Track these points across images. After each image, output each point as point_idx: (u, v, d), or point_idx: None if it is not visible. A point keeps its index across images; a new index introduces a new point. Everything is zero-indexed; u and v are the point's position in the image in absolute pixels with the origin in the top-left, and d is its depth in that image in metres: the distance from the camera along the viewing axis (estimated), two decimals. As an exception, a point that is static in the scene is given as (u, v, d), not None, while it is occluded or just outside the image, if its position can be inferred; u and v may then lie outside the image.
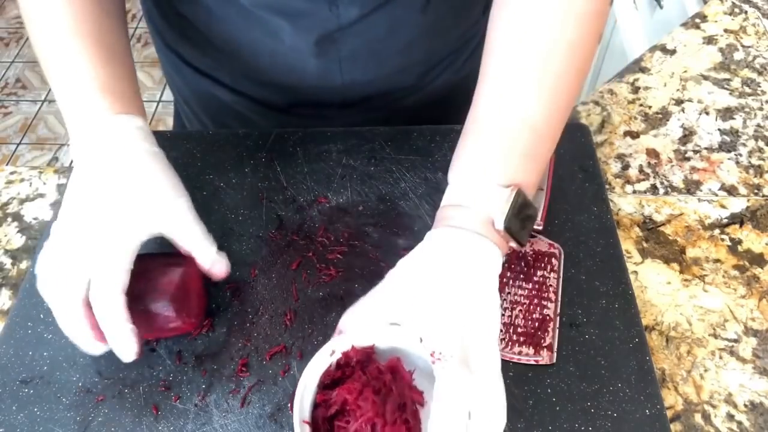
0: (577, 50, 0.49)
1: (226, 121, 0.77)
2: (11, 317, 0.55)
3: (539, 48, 0.48)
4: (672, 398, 0.52)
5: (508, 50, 0.50)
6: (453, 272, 0.45)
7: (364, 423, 0.42)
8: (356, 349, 0.45)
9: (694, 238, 0.62)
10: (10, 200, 0.68)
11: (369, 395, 0.43)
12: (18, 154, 2.18)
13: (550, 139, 0.51)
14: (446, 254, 0.46)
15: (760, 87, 0.76)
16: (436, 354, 0.41)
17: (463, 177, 0.49)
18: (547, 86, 0.49)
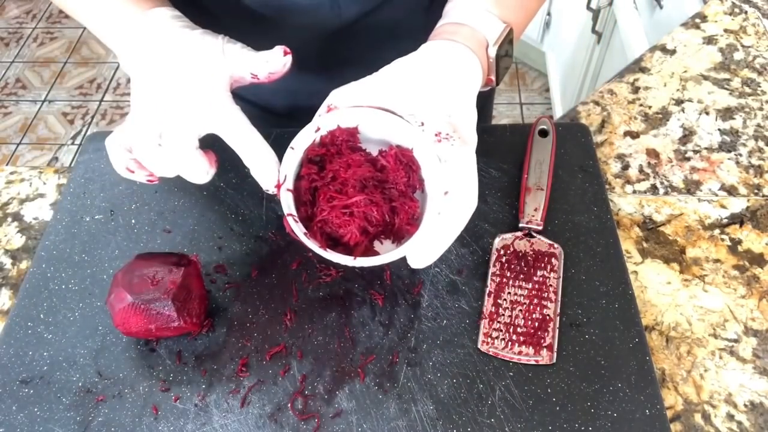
0: None
1: None
2: (11, 317, 0.55)
3: None
4: (672, 398, 0.52)
5: None
6: (442, 72, 0.49)
7: (353, 194, 0.46)
8: (342, 128, 0.47)
9: (694, 238, 0.62)
10: (10, 200, 0.68)
11: (360, 171, 0.46)
12: (18, 154, 2.18)
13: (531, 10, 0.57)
14: (438, 58, 0.50)
15: (760, 87, 0.76)
16: (443, 134, 0.46)
17: (465, 3, 0.53)
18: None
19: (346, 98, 0.49)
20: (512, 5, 0.54)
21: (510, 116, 2.17)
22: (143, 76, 0.50)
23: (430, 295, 0.55)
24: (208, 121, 0.49)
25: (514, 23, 0.53)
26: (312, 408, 0.49)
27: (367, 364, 0.51)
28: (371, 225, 0.47)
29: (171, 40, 0.51)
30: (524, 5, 0.56)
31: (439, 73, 0.49)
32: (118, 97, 2.36)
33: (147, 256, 0.53)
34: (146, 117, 0.49)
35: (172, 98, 0.49)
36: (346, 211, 0.46)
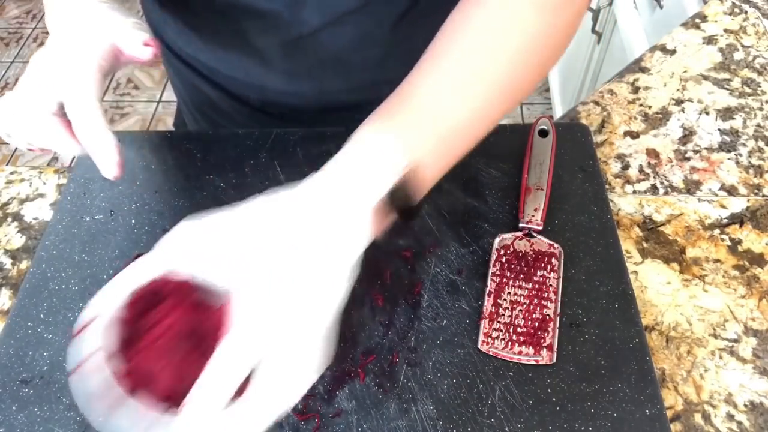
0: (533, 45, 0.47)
1: (206, 112, 0.78)
2: (11, 317, 0.55)
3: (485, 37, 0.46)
4: (672, 398, 0.52)
5: (456, 31, 0.47)
6: (304, 242, 0.39)
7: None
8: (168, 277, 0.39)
9: (694, 238, 0.62)
10: (10, 200, 0.68)
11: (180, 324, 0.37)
12: (18, 154, 2.18)
13: (472, 137, 0.46)
14: (309, 217, 0.39)
15: (760, 87, 0.76)
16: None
17: (376, 125, 0.43)
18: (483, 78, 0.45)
19: (178, 242, 0.42)
20: (432, 139, 0.43)
21: (510, 116, 2.17)
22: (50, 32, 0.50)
23: (430, 295, 0.55)
24: (61, 88, 0.47)
25: (427, 163, 0.41)
26: (312, 408, 0.49)
27: (367, 364, 0.51)
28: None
29: (73, 10, 0.50)
30: (450, 142, 0.44)
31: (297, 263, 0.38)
32: (118, 97, 2.36)
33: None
34: (20, 82, 0.49)
35: (42, 63, 0.49)
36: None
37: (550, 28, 0.48)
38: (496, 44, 0.46)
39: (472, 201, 0.62)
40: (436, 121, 0.43)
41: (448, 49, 0.46)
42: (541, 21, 0.47)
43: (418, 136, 0.42)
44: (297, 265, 0.38)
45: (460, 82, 0.44)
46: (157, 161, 0.66)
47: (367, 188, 0.40)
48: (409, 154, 0.41)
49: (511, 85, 0.47)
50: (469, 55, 0.45)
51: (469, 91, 0.45)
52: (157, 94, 2.37)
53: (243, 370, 0.35)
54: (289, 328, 0.38)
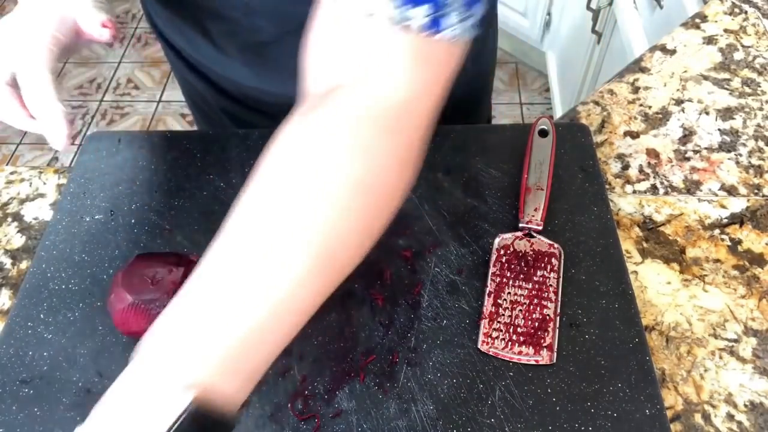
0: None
1: (191, 96, 0.80)
2: (11, 317, 0.55)
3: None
4: (672, 398, 0.52)
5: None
6: None
7: None
8: None
9: (694, 238, 0.62)
10: (10, 200, 0.68)
11: None
12: (18, 154, 2.18)
13: (282, 331, 0.36)
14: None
15: (760, 87, 0.76)
16: None
17: (155, 346, 0.34)
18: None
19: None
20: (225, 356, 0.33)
21: (510, 116, 2.17)
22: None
23: (430, 295, 0.55)
24: (14, 58, 0.47)
25: (221, 388, 0.33)
26: (312, 408, 0.49)
27: (367, 364, 0.51)
28: None
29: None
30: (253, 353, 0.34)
31: None
32: (118, 97, 2.36)
33: (147, 256, 0.53)
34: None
35: (1, 33, 0.49)
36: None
37: (380, 180, 0.38)
38: (312, 205, 0.36)
39: (472, 201, 0.62)
40: (227, 329, 0.34)
41: (250, 221, 0.37)
42: (369, 172, 0.37)
43: (206, 365, 0.33)
44: None
45: (261, 271, 0.35)
46: (157, 161, 0.66)
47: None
48: (195, 384, 0.32)
49: (330, 261, 0.37)
50: (276, 225, 0.35)
51: (274, 280, 0.35)
52: (157, 94, 2.37)
53: None
54: None
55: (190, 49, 0.70)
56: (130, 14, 2.70)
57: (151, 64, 2.48)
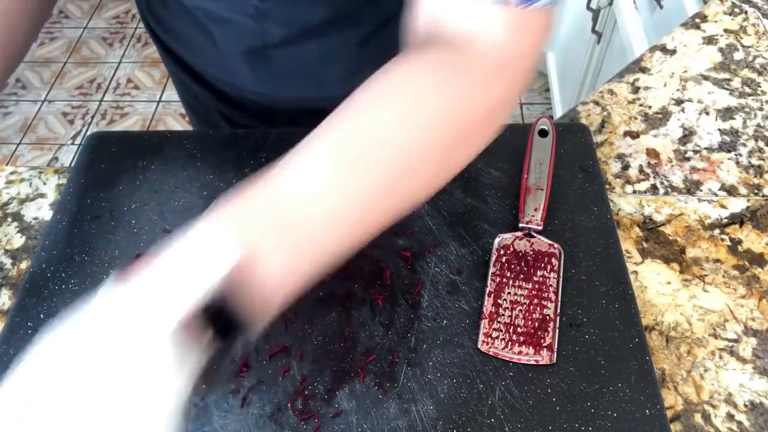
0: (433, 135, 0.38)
1: (188, 100, 0.79)
2: (11, 317, 0.55)
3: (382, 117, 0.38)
4: (672, 398, 0.52)
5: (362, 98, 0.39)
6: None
7: None
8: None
9: (694, 238, 0.62)
10: (10, 200, 0.68)
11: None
12: (18, 154, 2.18)
13: (344, 236, 0.38)
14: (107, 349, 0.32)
15: (760, 87, 0.76)
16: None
17: (217, 216, 0.35)
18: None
19: None
20: (275, 229, 0.35)
21: (510, 116, 2.17)
22: None
23: (430, 295, 0.55)
24: None
25: (267, 258, 0.34)
26: (312, 408, 0.49)
27: (367, 364, 0.51)
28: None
29: None
30: (304, 235, 0.35)
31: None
32: (118, 97, 2.36)
33: (147, 255, 0.52)
34: None
35: None
36: None
37: (470, 106, 0.40)
38: (386, 126, 0.38)
39: (472, 201, 0.62)
40: (295, 214, 0.35)
41: (341, 124, 0.38)
42: (457, 97, 0.39)
43: (261, 228, 0.34)
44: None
45: (330, 174, 0.36)
46: (157, 161, 0.66)
47: (174, 296, 0.33)
48: (242, 249, 0.33)
49: (400, 179, 0.38)
50: (361, 133, 0.37)
51: (341, 186, 0.36)
52: (157, 94, 2.37)
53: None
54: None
55: (188, 53, 0.70)
56: (130, 14, 2.70)
57: (151, 64, 2.48)
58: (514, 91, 0.43)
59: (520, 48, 0.42)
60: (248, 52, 0.63)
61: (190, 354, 0.34)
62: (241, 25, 0.60)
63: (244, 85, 0.68)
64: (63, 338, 0.33)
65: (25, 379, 0.32)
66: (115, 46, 2.56)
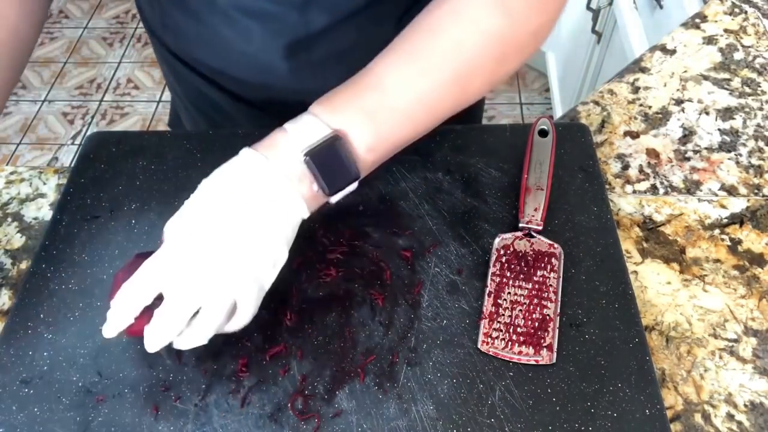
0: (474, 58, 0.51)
1: (205, 110, 0.78)
2: (11, 317, 0.55)
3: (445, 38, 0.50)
4: (672, 398, 0.52)
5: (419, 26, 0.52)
6: (240, 230, 0.46)
7: None
8: None
9: (694, 238, 0.62)
10: (10, 200, 0.68)
11: None
12: (18, 154, 2.18)
13: (415, 122, 0.52)
14: (241, 203, 0.47)
15: (760, 87, 0.76)
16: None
17: (311, 107, 0.50)
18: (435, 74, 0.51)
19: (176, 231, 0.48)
20: (363, 114, 0.50)
21: (510, 116, 2.17)
22: None
23: (430, 295, 0.55)
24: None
25: (357, 135, 0.49)
26: (312, 408, 0.49)
27: (367, 364, 0.51)
28: None
29: None
30: (385, 119, 0.51)
31: (235, 233, 0.46)
32: (118, 97, 2.36)
33: (147, 255, 0.52)
34: None
35: None
36: None
37: (516, 32, 0.51)
38: (455, 42, 0.50)
39: (472, 201, 0.62)
40: (377, 100, 0.50)
41: (408, 42, 0.51)
42: (508, 25, 0.50)
43: (350, 110, 0.49)
44: (230, 225, 0.46)
45: (410, 72, 0.50)
46: (157, 161, 0.66)
47: (288, 148, 0.48)
48: (337, 122, 0.49)
49: (464, 83, 0.52)
50: (426, 49, 0.50)
51: (419, 82, 0.50)
52: (157, 94, 2.37)
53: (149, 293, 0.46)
54: (220, 273, 0.45)
55: (211, 58, 0.69)
56: (130, 14, 2.70)
57: (151, 64, 2.48)
58: (550, 20, 0.53)
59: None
60: (289, 44, 0.63)
61: (302, 201, 0.48)
62: (284, 17, 0.61)
63: (278, 81, 0.68)
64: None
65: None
66: (115, 46, 2.56)
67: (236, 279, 0.46)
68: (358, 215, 0.61)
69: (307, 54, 0.64)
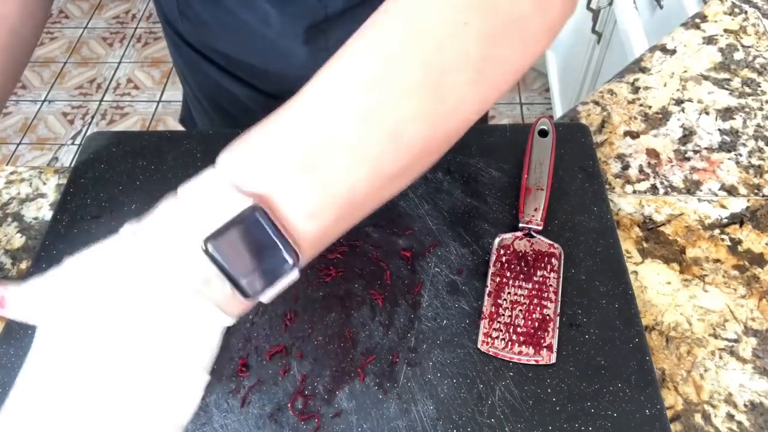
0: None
1: (219, 102, 0.78)
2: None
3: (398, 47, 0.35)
4: (672, 398, 0.52)
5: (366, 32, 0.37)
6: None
7: None
8: None
9: (694, 238, 0.62)
10: (10, 200, 0.68)
11: None
12: (18, 154, 2.18)
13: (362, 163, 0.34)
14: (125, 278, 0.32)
15: (760, 87, 0.76)
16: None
17: (219, 161, 0.34)
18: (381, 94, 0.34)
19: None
20: (291, 165, 0.33)
21: (510, 116, 2.17)
22: None
23: (430, 295, 0.55)
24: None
25: (285, 198, 0.32)
26: (312, 408, 0.49)
27: (367, 364, 0.51)
28: None
29: None
30: (323, 168, 0.33)
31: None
32: (118, 97, 2.36)
33: None
34: None
35: None
36: None
37: (537, 16, 0.36)
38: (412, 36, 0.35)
39: (472, 201, 0.62)
40: (312, 137, 0.33)
41: (354, 51, 0.36)
42: (527, 7, 0.35)
43: (274, 159, 0.33)
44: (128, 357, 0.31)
45: (360, 99, 0.34)
46: (157, 161, 0.67)
47: (184, 236, 0.31)
48: (254, 184, 0.32)
49: (440, 89, 0.34)
50: (376, 57, 0.35)
51: (379, 108, 0.34)
52: (157, 94, 2.37)
53: None
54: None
55: (230, 48, 0.69)
56: (130, 14, 2.70)
57: (151, 64, 2.48)
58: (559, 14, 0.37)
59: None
60: (308, 29, 0.63)
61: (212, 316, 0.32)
62: (302, 2, 0.61)
63: (296, 69, 0.68)
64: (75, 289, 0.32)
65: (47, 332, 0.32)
66: (115, 46, 2.56)
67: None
68: (358, 215, 0.61)
69: (325, 39, 0.65)
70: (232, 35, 0.67)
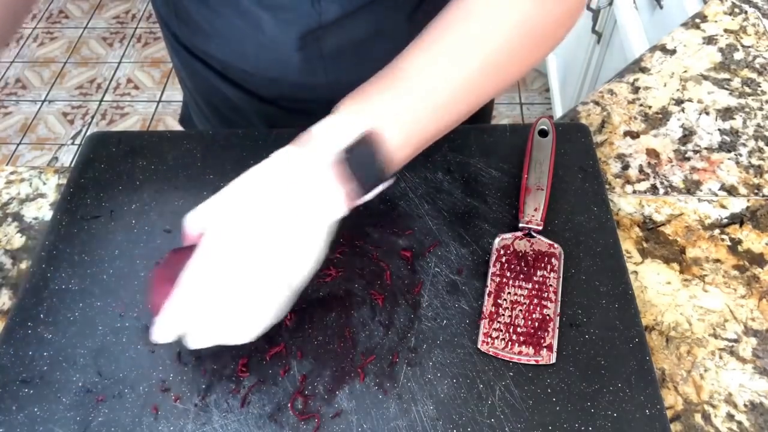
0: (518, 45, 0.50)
1: (216, 105, 0.78)
2: (11, 317, 0.55)
3: (478, 24, 0.49)
4: (672, 398, 0.52)
5: (453, 14, 0.50)
6: (276, 211, 0.46)
7: None
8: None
9: (694, 238, 0.62)
10: (10, 200, 0.68)
11: None
12: (18, 154, 2.18)
13: (449, 115, 0.50)
14: (280, 187, 0.46)
15: (760, 87, 0.76)
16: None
17: (343, 105, 0.48)
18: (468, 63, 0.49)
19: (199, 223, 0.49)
20: (397, 110, 0.48)
21: (510, 116, 2.17)
22: None
23: (430, 295, 0.55)
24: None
25: (391, 134, 0.47)
26: (312, 408, 0.49)
27: (367, 364, 0.51)
28: None
29: None
30: (418, 114, 0.48)
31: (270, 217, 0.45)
32: (118, 97, 2.36)
33: (182, 250, 0.51)
34: None
35: None
36: None
37: (545, 18, 0.50)
38: (485, 30, 0.49)
39: (472, 201, 0.62)
40: (409, 95, 0.48)
41: (437, 33, 0.49)
42: (536, 10, 0.49)
43: (380, 107, 0.47)
44: (265, 221, 0.45)
45: (441, 63, 0.48)
46: (157, 161, 0.67)
47: (324, 147, 0.46)
48: (371, 120, 0.46)
49: (496, 71, 0.50)
50: (456, 39, 0.49)
51: (450, 72, 0.48)
52: (157, 94, 2.37)
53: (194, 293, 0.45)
54: (262, 272, 0.45)
55: (225, 53, 0.69)
56: (130, 14, 2.70)
57: (151, 64, 2.48)
58: (580, 3, 0.52)
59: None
60: (302, 36, 0.63)
61: (337, 197, 0.46)
62: (296, 7, 0.61)
63: (290, 75, 0.68)
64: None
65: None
66: (115, 46, 2.56)
67: (274, 280, 0.46)
68: (358, 215, 0.61)
69: (318, 46, 0.64)
70: (225, 40, 0.67)
